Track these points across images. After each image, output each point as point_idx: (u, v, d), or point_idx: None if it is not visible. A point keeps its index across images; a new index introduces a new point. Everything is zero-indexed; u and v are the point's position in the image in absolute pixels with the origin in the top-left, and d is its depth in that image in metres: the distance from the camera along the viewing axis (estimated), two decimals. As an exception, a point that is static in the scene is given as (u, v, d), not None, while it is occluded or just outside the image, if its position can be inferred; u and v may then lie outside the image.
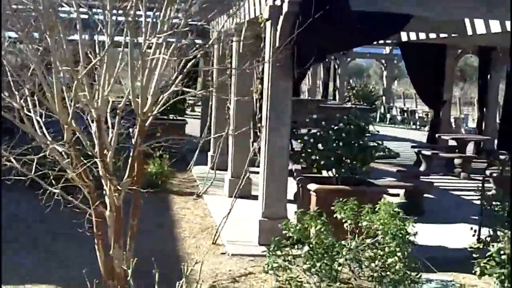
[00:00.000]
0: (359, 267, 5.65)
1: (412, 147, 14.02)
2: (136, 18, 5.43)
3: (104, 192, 5.45)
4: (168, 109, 14.72)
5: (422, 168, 13.03)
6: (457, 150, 13.70)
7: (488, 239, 6.73)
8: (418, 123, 24.96)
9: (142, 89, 5.18)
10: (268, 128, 7.08)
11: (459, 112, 26.22)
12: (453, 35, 10.31)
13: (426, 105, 16.52)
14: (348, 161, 7.08)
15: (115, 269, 5.34)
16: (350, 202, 6.04)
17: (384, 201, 6.04)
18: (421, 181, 9.77)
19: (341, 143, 6.94)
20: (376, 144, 7.16)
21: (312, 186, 6.96)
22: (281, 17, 6.77)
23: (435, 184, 11.89)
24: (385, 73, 27.93)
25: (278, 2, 6.92)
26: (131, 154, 5.35)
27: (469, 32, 9.74)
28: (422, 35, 11.51)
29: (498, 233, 6.68)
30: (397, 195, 10.21)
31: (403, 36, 12.32)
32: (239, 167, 9.15)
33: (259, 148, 7.32)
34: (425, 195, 10.42)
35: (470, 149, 15.43)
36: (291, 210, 7.13)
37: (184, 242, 7.34)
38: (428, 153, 13.00)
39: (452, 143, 14.54)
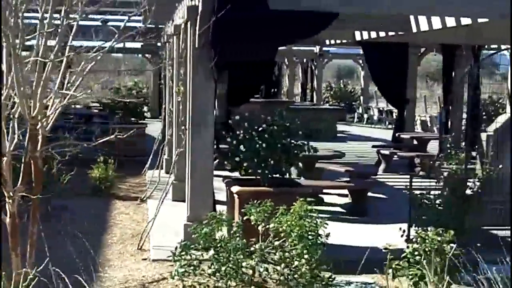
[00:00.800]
0: (266, 270, 5.50)
1: (373, 146, 13.89)
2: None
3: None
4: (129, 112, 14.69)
5: (381, 167, 12.92)
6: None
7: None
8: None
9: (32, 93, 5.05)
10: (191, 130, 6.95)
11: (439, 110, 26.13)
12: (400, 32, 10.20)
13: (390, 104, 16.43)
14: (272, 162, 6.93)
15: (15, 277, 5.21)
16: (263, 204, 5.91)
17: (299, 202, 5.91)
18: (365, 181, 9.63)
19: (264, 144, 6.80)
20: (300, 144, 7.01)
21: (234, 188, 6.83)
22: (198, 17, 6.64)
23: (391, 183, 11.81)
24: (362, 73, 27.81)
25: (196, 2, 6.80)
26: (23, 160, 5.22)
27: (414, 29, 9.63)
28: (373, 34, 11.40)
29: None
30: (346, 195, 10.10)
31: (357, 35, 12.19)
32: (183, 170, 9.01)
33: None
34: (376, 195, 10.36)
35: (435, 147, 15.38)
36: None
37: (110, 248, 7.19)
38: (386, 152, 12.89)
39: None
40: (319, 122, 19.23)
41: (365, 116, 26.28)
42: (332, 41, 14.25)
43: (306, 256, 5.38)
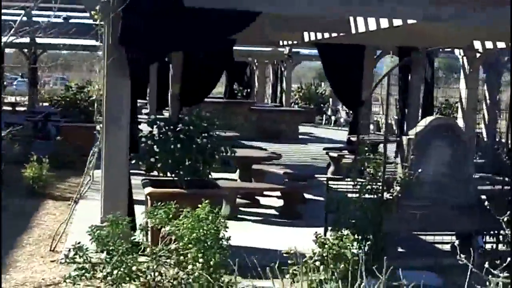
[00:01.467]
0: (160, 274, 5.36)
1: (324, 149, 13.78)
2: None
3: None
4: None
5: (330, 169, 12.82)
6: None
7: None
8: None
9: None
10: (105, 129, 6.78)
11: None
12: (341, 34, 10.10)
13: (345, 106, 16.37)
14: (190, 163, 6.80)
15: None
16: (166, 206, 5.78)
17: (203, 204, 5.78)
18: (297, 183, 9.50)
19: (179, 145, 6.66)
20: (217, 145, 6.87)
21: (146, 190, 6.69)
22: (111, 12, 6.47)
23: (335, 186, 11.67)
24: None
25: (109, -4, 6.63)
26: None
27: (353, 30, 9.53)
28: (319, 35, 11.30)
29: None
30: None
31: (306, 36, 12.08)
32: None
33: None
34: (316, 197, 10.24)
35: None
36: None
37: (22, 249, 7.01)
38: (334, 154, 12.79)
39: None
40: (280, 123, 19.16)
41: (333, 118, 26.22)
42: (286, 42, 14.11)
43: (201, 260, 5.25)
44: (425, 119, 7.29)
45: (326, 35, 10.91)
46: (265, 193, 10.02)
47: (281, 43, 14.49)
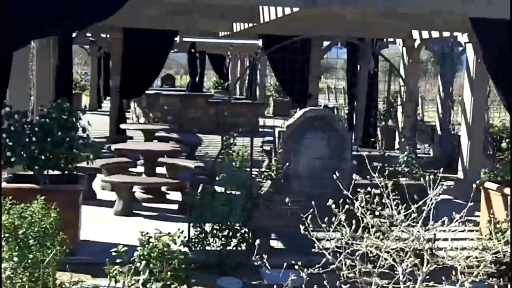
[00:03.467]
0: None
1: (262, 142, 13.51)
2: None
3: None
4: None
5: (265, 163, 12.54)
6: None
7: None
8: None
9: None
10: (-40, 122, 6.54)
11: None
12: (251, 24, 9.83)
13: (291, 99, 16.09)
14: (50, 156, 6.55)
15: None
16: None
17: (38, 200, 5.54)
18: (198, 176, 9.21)
19: (34, 138, 6.40)
20: (75, 139, 6.60)
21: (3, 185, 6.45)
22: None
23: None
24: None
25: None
26: None
27: (261, 20, 9.26)
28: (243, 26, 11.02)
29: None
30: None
31: (235, 27, 11.82)
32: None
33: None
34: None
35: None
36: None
37: None
38: (268, 148, 12.51)
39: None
40: (238, 116, 18.89)
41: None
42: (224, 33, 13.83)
43: (15, 259, 5.01)
44: (300, 111, 7.01)
45: (247, 25, 10.64)
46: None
47: (221, 34, 14.21)
